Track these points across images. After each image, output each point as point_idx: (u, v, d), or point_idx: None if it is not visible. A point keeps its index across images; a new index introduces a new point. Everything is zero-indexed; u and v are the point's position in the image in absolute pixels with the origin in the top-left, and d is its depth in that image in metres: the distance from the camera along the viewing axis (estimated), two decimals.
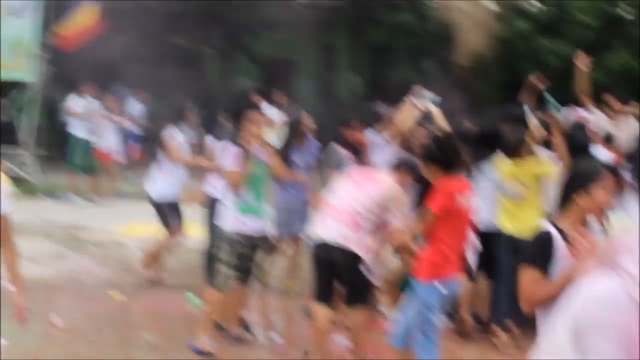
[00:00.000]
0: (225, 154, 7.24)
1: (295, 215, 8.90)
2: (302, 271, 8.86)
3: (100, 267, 10.35)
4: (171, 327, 7.98)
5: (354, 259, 6.64)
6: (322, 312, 6.85)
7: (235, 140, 7.17)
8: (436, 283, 5.69)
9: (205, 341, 7.10)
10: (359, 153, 8.38)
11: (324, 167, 8.66)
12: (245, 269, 7.28)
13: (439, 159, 5.90)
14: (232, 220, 7.17)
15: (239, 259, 7.16)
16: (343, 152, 8.33)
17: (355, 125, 8.39)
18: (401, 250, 7.50)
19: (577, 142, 7.76)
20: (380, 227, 6.74)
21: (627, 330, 2.04)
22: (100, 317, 8.15)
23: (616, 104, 9.85)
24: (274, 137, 16.72)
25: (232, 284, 7.18)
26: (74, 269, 10.07)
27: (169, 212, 9.42)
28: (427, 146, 6.05)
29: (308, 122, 9.06)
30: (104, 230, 12.46)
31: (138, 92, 19.04)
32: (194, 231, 9.34)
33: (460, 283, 6.03)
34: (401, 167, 7.18)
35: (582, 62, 9.49)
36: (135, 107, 18.86)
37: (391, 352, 6.04)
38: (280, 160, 8.72)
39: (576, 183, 4.19)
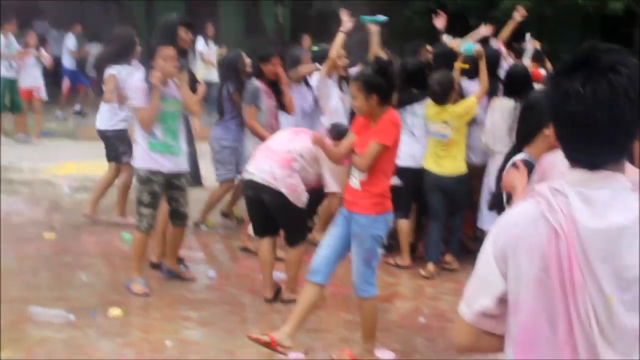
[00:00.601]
0: (135, 90, 7.08)
1: (240, 153, 8.78)
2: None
3: (32, 207, 10.23)
4: (107, 267, 7.96)
5: (282, 198, 6.72)
6: (263, 247, 7.03)
7: (146, 77, 7.00)
8: (383, 215, 5.67)
9: (138, 282, 7.11)
10: (275, 87, 8.35)
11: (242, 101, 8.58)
12: (175, 210, 7.27)
13: (382, 88, 5.60)
14: (144, 158, 7.07)
15: (155, 198, 7.08)
16: (259, 86, 8.29)
17: (274, 61, 8.33)
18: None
19: (518, 77, 7.86)
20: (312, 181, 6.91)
21: (541, 249, 2.14)
22: (34, 258, 8.09)
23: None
24: (209, 71, 16.56)
25: (152, 223, 7.11)
26: (4, 210, 9.92)
27: (115, 141, 9.20)
28: (367, 74, 5.65)
29: (247, 61, 8.96)
30: (33, 170, 12.30)
31: (74, 28, 18.65)
32: None
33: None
34: (332, 133, 7.23)
35: (520, 14, 9.59)
36: (70, 42, 18.50)
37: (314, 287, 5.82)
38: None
39: (539, 113, 4.14)
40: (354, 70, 8.33)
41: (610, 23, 18.05)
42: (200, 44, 16.85)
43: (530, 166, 3.87)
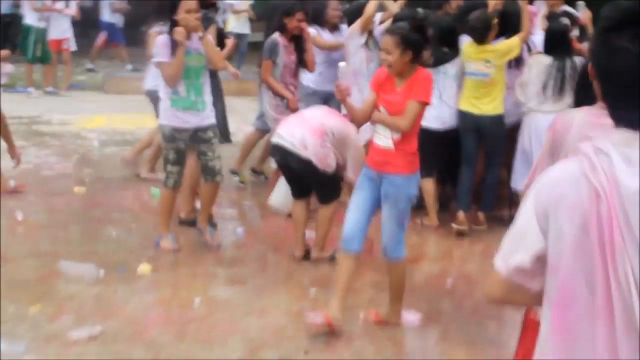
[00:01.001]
0: (159, 45, 6.97)
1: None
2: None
3: (61, 160, 10.28)
4: (136, 222, 7.99)
5: (310, 165, 6.73)
6: (297, 207, 7.09)
7: (169, 31, 6.91)
8: (416, 174, 5.63)
9: (166, 238, 7.16)
10: (298, 43, 8.26)
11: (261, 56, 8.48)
12: (205, 165, 7.16)
13: (418, 45, 5.54)
14: (167, 115, 7.03)
15: (180, 155, 7.06)
16: (278, 40, 8.22)
17: (297, 15, 8.26)
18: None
19: (557, 35, 7.76)
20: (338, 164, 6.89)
21: (582, 209, 2.12)
22: (64, 212, 8.15)
23: None
24: (241, 23, 16.40)
25: (178, 180, 7.13)
26: (34, 162, 10.00)
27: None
28: (405, 29, 5.52)
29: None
30: (62, 123, 12.36)
31: None
32: (152, 123, 9.23)
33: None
34: None
35: None
36: None
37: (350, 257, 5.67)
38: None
39: None
40: (379, 29, 8.24)
41: None
42: None
43: None
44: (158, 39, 7.06)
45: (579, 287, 2.14)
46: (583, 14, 8.77)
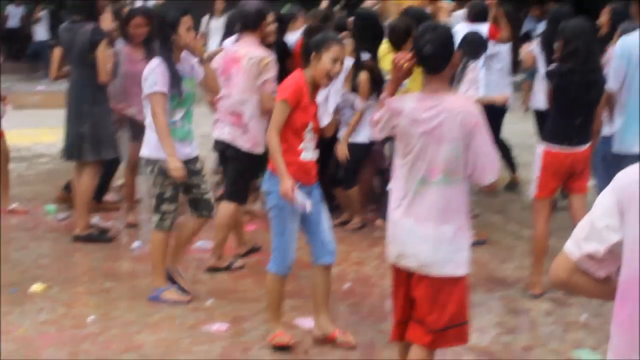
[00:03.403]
0: (157, 73, 5.99)
1: None
2: None
3: None
4: (30, 241, 7.88)
5: (240, 152, 6.73)
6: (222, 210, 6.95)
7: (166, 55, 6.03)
8: None
9: (168, 290, 6.43)
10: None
11: None
12: (197, 199, 6.36)
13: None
14: (160, 147, 6.05)
15: (177, 191, 6.24)
16: (119, 49, 7.85)
17: (136, 21, 7.79)
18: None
19: None
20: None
21: None
22: None
23: None
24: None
25: (174, 220, 6.32)
26: None
27: None
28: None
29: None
30: None
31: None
32: (48, 137, 9.12)
33: None
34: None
35: None
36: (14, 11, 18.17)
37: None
38: None
39: None
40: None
41: None
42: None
43: None
44: (152, 63, 6.07)
45: (636, 285, 2.20)
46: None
